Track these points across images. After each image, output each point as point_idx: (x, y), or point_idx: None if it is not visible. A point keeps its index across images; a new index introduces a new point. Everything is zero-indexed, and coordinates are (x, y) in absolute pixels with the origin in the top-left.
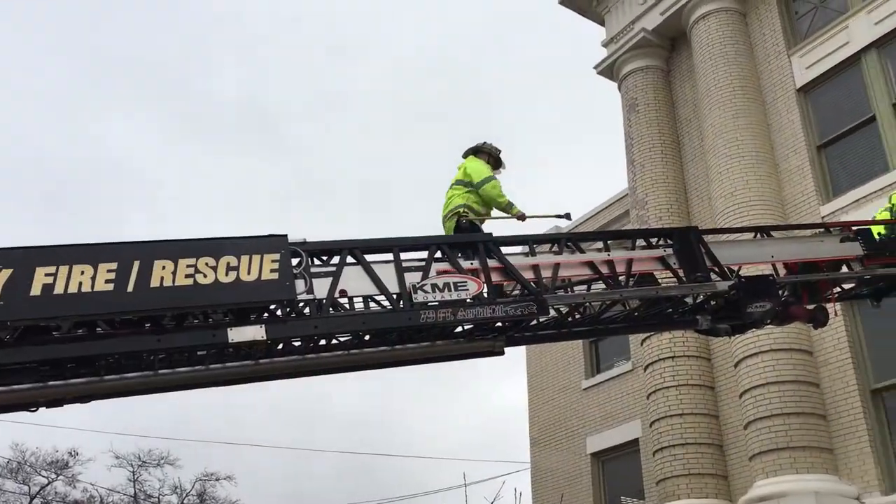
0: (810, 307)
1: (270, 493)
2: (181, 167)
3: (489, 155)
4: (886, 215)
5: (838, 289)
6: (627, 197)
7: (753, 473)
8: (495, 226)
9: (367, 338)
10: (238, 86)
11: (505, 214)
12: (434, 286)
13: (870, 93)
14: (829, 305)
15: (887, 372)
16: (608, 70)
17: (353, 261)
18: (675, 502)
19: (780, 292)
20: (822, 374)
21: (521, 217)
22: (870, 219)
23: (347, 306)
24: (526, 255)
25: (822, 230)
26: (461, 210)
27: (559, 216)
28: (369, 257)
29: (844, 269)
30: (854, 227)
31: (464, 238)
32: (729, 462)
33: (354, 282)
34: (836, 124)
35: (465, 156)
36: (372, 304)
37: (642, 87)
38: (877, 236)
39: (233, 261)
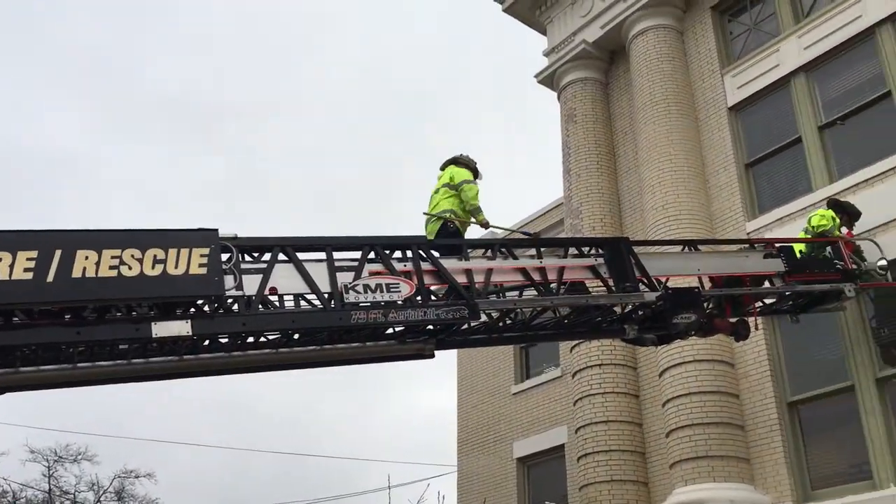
0: (733, 320)
1: (194, 492)
2: (117, 159)
3: (467, 166)
4: (804, 234)
5: (760, 303)
6: (562, 205)
7: (673, 481)
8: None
9: (296, 336)
10: (183, 81)
11: (472, 219)
12: (366, 287)
13: (797, 115)
14: (750, 319)
15: (803, 385)
16: (548, 79)
17: (285, 258)
18: None
19: (705, 305)
20: (742, 385)
21: (485, 225)
22: (793, 236)
23: (277, 304)
24: (459, 259)
25: (746, 246)
26: (448, 215)
27: (524, 233)
28: (301, 255)
29: (767, 284)
30: (777, 245)
31: (397, 239)
32: (650, 469)
33: (285, 280)
34: (764, 144)
35: (444, 167)
36: (303, 303)
37: (581, 97)
38: (798, 254)
39: (160, 253)
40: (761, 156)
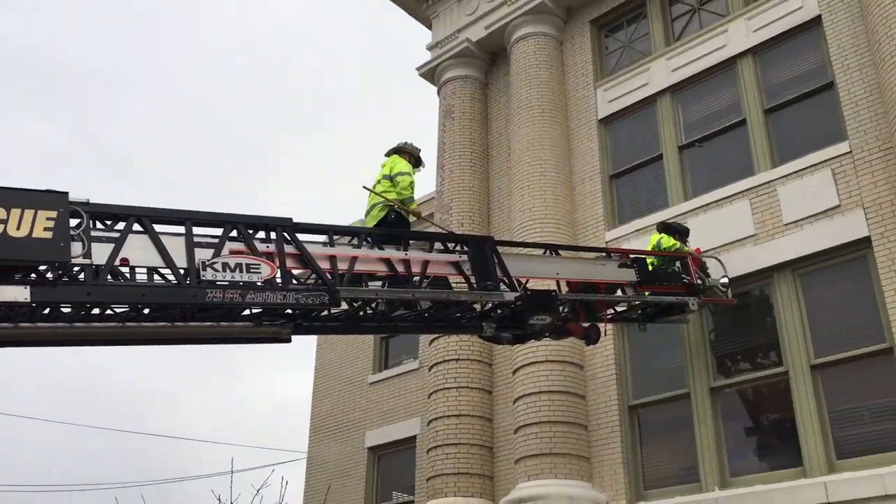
0: (585, 325)
1: (26, 469)
2: None
3: (410, 154)
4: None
5: (612, 310)
6: (433, 200)
7: (517, 476)
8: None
9: (146, 311)
10: (29, 34)
11: (404, 208)
12: (225, 265)
13: (660, 133)
14: (601, 325)
15: (644, 390)
16: (430, 73)
17: (141, 229)
18: (441, 499)
19: (561, 308)
20: (589, 387)
21: (418, 215)
22: (648, 249)
23: (128, 276)
24: (325, 244)
25: (604, 254)
26: (395, 204)
27: (443, 230)
28: (159, 228)
29: (619, 292)
30: (632, 255)
31: (261, 219)
32: (497, 464)
33: (139, 251)
34: (628, 157)
35: (388, 155)
36: (156, 278)
37: (460, 95)
38: (650, 266)
39: (0, 213)
40: (625, 169)
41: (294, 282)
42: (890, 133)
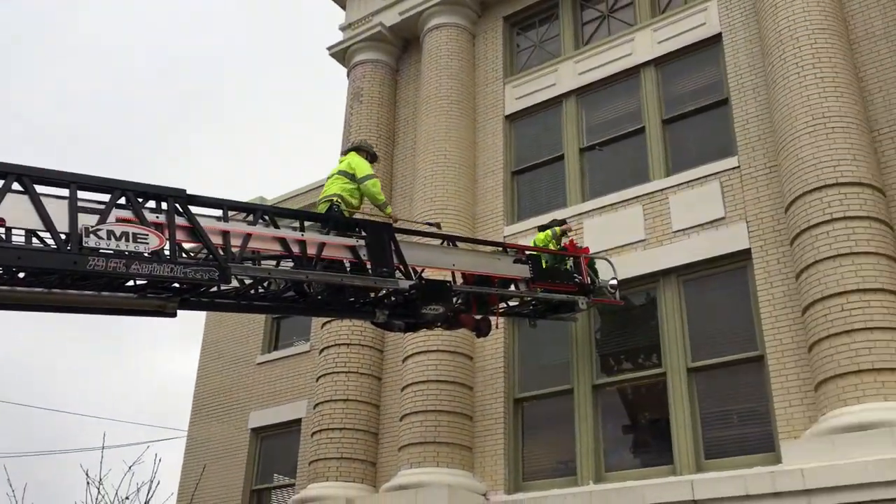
0: (478, 317)
1: None
2: None
3: (367, 152)
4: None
5: (504, 305)
6: None
7: (400, 463)
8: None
9: (21, 275)
10: None
11: (379, 213)
12: (110, 233)
13: (563, 134)
14: (493, 318)
15: (530, 384)
16: (341, 54)
17: (20, 189)
18: (321, 482)
19: (455, 299)
20: (478, 378)
21: (395, 219)
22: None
23: (4, 237)
24: (219, 219)
25: (500, 249)
26: (335, 199)
27: (429, 224)
28: (41, 189)
29: (513, 287)
30: (527, 252)
31: (153, 188)
32: (381, 450)
33: (17, 212)
34: (531, 155)
35: (346, 152)
36: (35, 242)
37: (370, 78)
38: (544, 264)
39: None
40: (527, 166)
41: (184, 255)
42: (776, 151)
